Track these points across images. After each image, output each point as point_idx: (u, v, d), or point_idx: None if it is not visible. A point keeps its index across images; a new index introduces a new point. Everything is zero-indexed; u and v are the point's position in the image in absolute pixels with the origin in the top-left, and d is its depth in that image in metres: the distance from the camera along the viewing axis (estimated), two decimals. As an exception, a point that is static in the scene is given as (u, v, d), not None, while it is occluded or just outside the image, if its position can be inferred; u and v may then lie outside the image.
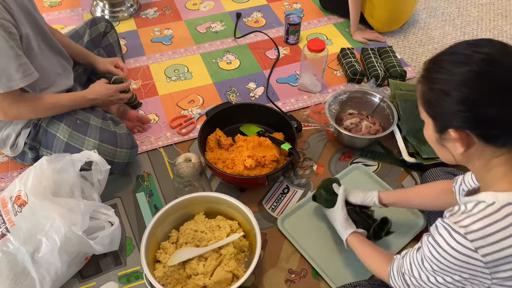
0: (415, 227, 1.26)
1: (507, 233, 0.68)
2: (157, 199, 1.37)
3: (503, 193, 0.71)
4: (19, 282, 1.06)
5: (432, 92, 0.74)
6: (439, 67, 0.73)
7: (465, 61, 0.69)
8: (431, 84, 0.74)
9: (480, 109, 0.69)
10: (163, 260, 1.14)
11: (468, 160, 0.77)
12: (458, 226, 0.71)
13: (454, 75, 0.70)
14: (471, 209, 0.73)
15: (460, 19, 2.15)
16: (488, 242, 0.69)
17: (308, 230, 1.27)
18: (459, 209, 0.75)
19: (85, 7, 2.19)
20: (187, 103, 1.69)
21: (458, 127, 0.72)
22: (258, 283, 1.17)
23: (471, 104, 0.69)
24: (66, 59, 1.42)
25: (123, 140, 1.34)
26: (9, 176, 1.42)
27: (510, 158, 0.73)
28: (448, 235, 0.72)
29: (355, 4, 1.87)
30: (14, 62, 1.12)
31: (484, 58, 0.68)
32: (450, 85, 0.70)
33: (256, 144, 1.39)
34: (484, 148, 0.73)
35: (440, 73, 0.72)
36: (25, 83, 1.16)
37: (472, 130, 0.71)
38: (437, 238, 0.75)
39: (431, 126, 0.78)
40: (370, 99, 1.56)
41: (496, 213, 0.70)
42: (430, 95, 0.74)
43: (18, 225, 1.08)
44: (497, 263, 0.69)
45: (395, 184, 1.40)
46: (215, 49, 1.94)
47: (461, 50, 0.72)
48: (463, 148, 0.73)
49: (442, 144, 0.78)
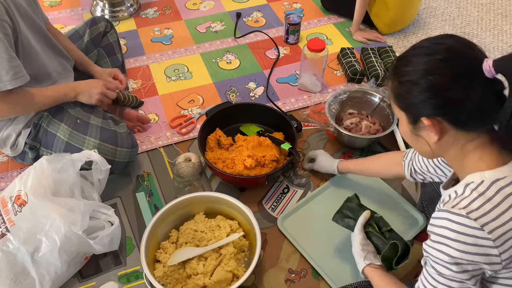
0: (415, 227, 1.26)
1: (503, 207, 0.71)
2: (157, 198, 1.37)
3: (488, 171, 0.74)
4: (19, 282, 1.06)
5: (401, 85, 0.77)
6: (405, 62, 0.77)
7: (428, 53, 0.74)
8: (399, 78, 0.77)
9: (446, 94, 0.72)
10: (163, 260, 1.14)
11: (443, 149, 0.79)
12: (457, 209, 0.72)
13: (419, 65, 0.74)
14: (462, 192, 0.75)
15: (460, 19, 2.15)
16: (491, 217, 0.70)
17: (308, 230, 1.27)
18: (449, 197, 0.77)
19: (85, 6, 2.19)
20: (187, 103, 1.69)
21: (429, 115, 0.75)
22: (258, 283, 1.17)
23: (437, 90, 0.73)
24: (67, 59, 1.42)
25: (124, 139, 1.34)
26: (9, 175, 1.42)
27: (482, 142, 0.76)
28: (450, 222, 0.73)
29: (362, 5, 1.87)
30: (6, 63, 1.12)
31: (447, 48, 0.73)
32: (416, 75, 0.74)
33: (256, 144, 1.39)
34: (456, 134, 0.76)
35: (406, 66, 0.76)
36: (13, 86, 1.15)
37: (443, 116, 0.74)
38: (439, 231, 0.74)
39: (404, 120, 0.81)
40: (370, 99, 1.56)
41: (488, 191, 0.72)
42: (399, 88, 0.78)
43: (18, 225, 1.08)
44: (503, 238, 0.70)
45: (395, 183, 1.40)
46: (215, 49, 1.94)
47: (423, 44, 0.76)
48: (437, 136, 0.76)
49: (417, 135, 0.80)
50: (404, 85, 0.76)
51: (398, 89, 0.78)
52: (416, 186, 1.39)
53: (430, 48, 0.75)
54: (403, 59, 0.78)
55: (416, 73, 0.74)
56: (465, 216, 0.71)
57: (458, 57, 0.73)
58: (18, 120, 1.30)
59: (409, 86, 0.75)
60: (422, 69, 0.74)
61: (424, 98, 0.74)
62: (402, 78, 0.77)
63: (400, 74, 0.77)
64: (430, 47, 0.75)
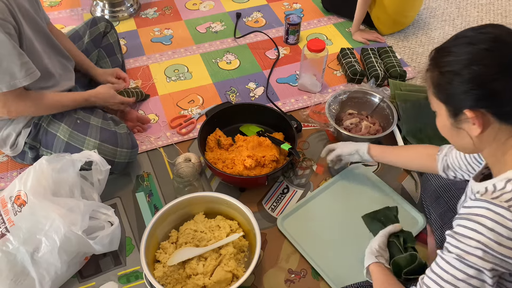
0: (414, 227, 1.26)
1: None
2: (156, 199, 1.37)
3: None
4: (19, 282, 1.06)
5: (442, 76, 0.75)
6: (446, 52, 0.75)
7: (472, 42, 0.72)
8: (440, 68, 0.75)
9: (491, 85, 0.70)
10: (163, 260, 1.14)
11: (484, 143, 0.77)
12: (499, 201, 0.70)
13: (462, 55, 0.72)
14: (504, 186, 0.73)
15: (460, 20, 2.15)
16: None
17: (308, 230, 1.27)
18: (486, 190, 0.75)
19: (85, 7, 2.19)
20: (187, 103, 1.69)
21: (472, 107, 0.72)
22: (258, 283, 1.17)
23: (481, 81, 0.70)
24: (68, 60, 1.42)
25: (124, 139, 1.34)
26: (8, 176, 1.42)
27: None
28: (489, 211, 0.70)
29: (363, 6, 1.87)
30: (17, 60, 1.13)
31: (493, 37, 0.71)
32: (459, 65, 0.72)
33: (256, 144, 1.39)
34: (500, 128, 0.74)
35: (447, 56, 0.74)
36: (27, 82, 1.17)
37: (486, 108, 0.72)
38: (475, 218, 0.71)
39: (444, 112, 0.78)
40: (370, 99, 1.56)
41: None
42: (440, 79, 0.75)
43: (18, 225, 1.08)
44: None
45: (395, 184, 1.40)
46: (215, 49, 1.94)
47: (466, 34, 0.74)
48: (480, 129, 0.73)
49: (458, 128, 0.77)
50: (445, 76, 0.74)
51: (439, 80, 0.76)
52: (416, 186, 1.39)
53: (474, 37, 0.72)
54: (443, 49, 0.76)
55: (458, 63, 0.72)
56: (506, 208, 0.69)
57: (505, 47, 0.70)
58: (18, 119, 1.30)
59: (450, 77, 0.73)
60: (465, 58, 0.71)
61: (467, 89, 0.71)
62: (443, 69, 0.74)
63: (441, 65, 0.75)
64: (475, 37, 0.72)
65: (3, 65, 1.12)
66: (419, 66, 1.86)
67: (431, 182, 1.27)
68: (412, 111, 1.48)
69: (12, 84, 1.14)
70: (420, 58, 1.91)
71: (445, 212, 1.18)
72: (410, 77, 1.79)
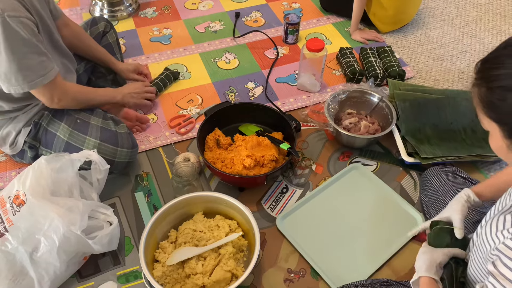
0: (413, 227, 1.26)
1: None
2: (156, 198, 1.37)
3: None
4: (18, 282, 1.06)
5: (492, 92, 0.66)
6: (496, 64, 0.66)
7: None
8: (489, 83, 0.67)
9: None
10: (162, 259, 1.14)
11: None
12: None
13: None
14: None
15: (459, 19, 2.15)
16: None
17: (307, 229, 1.27)
18: None
19: (84, 6, 2.19)
20: (186, 102, 1.69)
21: None
22: (257, 282, 1.17)
23: None
24: (70, 60, 1.41)
25: (124, 139, 1.34)
26: (7, 175, 1.42)
27: None
28: None
29: (360, 4, 1.87)
30: (44, 55, 1.16)
31: None
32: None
33: (255, 144, 1.39)
34: None
35: (498, 69, 0.65)
36: (57, 72, 1.19)
37: None
38: None
39: (497, 133, 0.69)
40: (369, 98, 1.56)
41: None
42: (490, 96, 0.67)
43: (17, 225, 1.08)
44: None
45: (394, 183, 1.40)
46: (214, 49, 1.94)
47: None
48: None
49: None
50: (496, 92, 0.65)
51: (488, 96, 0.67)
52: (415, 186, 1.39)
53: None
54: (493, 60, 0.67)
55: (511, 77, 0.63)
56: None
57: None
58: (18, 118, 1.30)
59: (503, 93, 0.64)
60: None
61: None
62: (493, 84, 0.66)
63: (490, 79, 0.66)
64: None
65: (35, 59, 1.13)
66: (418, 65, 1.86)
67: (430, 182, 1.27)
68: (411, 111, 1.48)
69: (49, 75, 1.17)
70: (419, 57, 1.91)
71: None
72: (409, 77, 1.79)
